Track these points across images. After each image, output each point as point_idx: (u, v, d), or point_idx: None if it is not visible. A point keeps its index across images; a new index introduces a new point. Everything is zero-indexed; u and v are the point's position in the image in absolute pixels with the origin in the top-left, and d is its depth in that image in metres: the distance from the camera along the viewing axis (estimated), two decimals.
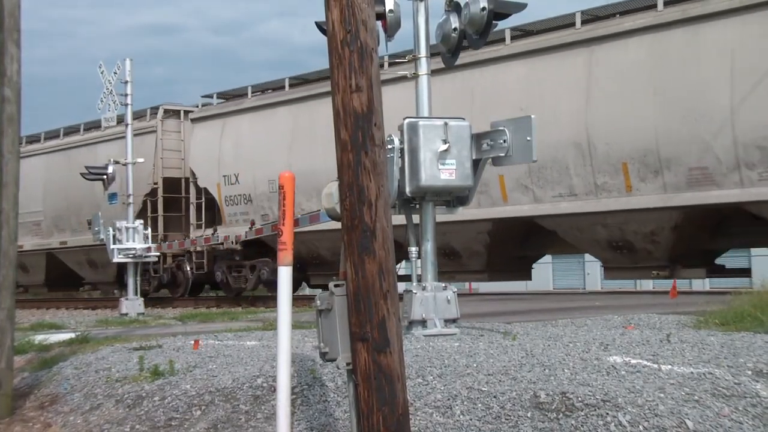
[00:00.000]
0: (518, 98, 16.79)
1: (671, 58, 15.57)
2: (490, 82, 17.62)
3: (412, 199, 8.63)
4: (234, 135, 22.91)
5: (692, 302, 10.93)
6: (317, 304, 4.67)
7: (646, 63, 15.80)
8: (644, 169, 15.69)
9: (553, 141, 16.17)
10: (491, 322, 9.77)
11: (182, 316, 16.74)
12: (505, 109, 15.22)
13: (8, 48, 7.49)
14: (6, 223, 7.41)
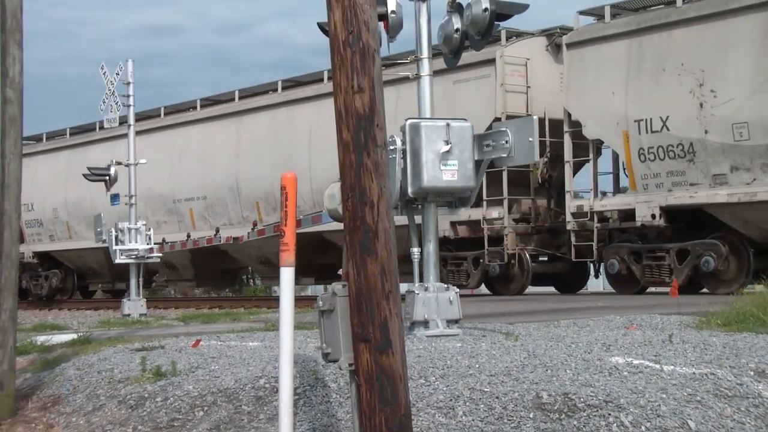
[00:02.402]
0: (199, 152, 25.11)
1: (281, 129, 23.19)
2: (185, 139, 25.85)
3: (414, 200, 8.63)
4: None
5: (694, 303, 10.93)
6: (319, 305, 4.68)
7: (267, 131, 23.49)
8: (268, 206, 23.34)
9: (218, 185, 24.51)
10: (493, 323, 9.77)
11: (184, 316, 16.76)
12: (190, 162, 25.14)
13: (10, 49, 7.49)
14: (8, 225, 7.42)
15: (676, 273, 16.34)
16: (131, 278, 18.70)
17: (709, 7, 15.98)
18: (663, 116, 16.08)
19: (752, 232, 15.82)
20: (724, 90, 15.29)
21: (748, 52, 15.25)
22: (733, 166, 15.37)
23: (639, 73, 16.68)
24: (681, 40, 16.17)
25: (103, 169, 19.49)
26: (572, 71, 17.58)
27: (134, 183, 18.78)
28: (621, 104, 16.41)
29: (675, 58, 16.02)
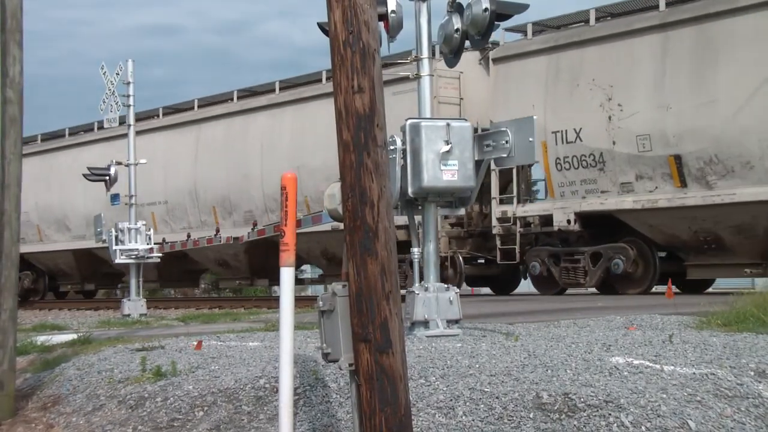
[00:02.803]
0: (162, 158, 25.39)
1: (235, 138, 24.38)
2: (150, 146, 25.25)
3: (415, 200, 8.64)
4: None
5: (694, 303, 10.93)
6: (319, 305, 4.68)
7: (224, 140, 24.70)
8: (224, 211, 24.59)
9: (178, 190, 25.62)
10: (493, 323, 9.77)
11: (184, 317, 16.76)
12: (154, 168, 24.13)
13: (10, 49, 7.49)
14: (8, 225, 7.42)
15: (590, 275, 17.59)
16: (131, 278, 18.70)
17: (616, 26, 17.27)
18: (577, 128, 17.31)
19: (657, 236, 16.92)
20: (629, 104, 16.47)
21: (650, 69, 16.46)
22: (638, 175, 16.46)
23: (556, 87, 17.82)
24: (593, 57, 17.33)
25: (103, 169, 19.49)
26: (498, 85, 18.84)
27: (134, 183, 18.79)
28: (540, 116, 16.94)
29: (587, 74, 17.18)
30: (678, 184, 16.09)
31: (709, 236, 16.32)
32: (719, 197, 15.76)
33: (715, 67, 15.74)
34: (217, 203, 24.83)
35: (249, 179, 23.76)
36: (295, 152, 22.02)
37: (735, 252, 16.23)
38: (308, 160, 21.99)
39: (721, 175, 15.67)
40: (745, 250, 16.14)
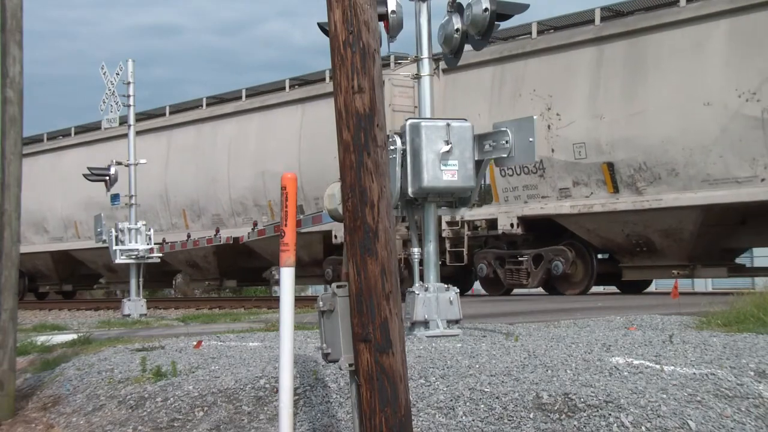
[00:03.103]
0: None
1: (204, 144, 25.31)
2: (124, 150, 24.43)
3: (415, 200, 8.63)
4: None
5: (694, 303, 10.93)
6: (319, 305, 4.67)
7: (193, 145, 25.59)
8: (193, 214, 25.68)
9: (150, 193, 25.02)
10: (493, 323, 9.77)
11: (185, 317, 16.77)
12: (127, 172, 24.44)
13: (10, 49, 7.49)
14: (8, 224, 7.42)
15: (532, 276, 18.54)
16: (131, 278, 18.71)
17: (556, 40, 18.22)
18: None
19: (593, 239, 17.92)
20: (566, 114, 17.37)
21: (586, 80, 17.38)
22: (575, 181, 17.38)
23: (501, 96, 18.66)
24: (534, 68, 18.22)
25: (103, 169, 19.51)
26: (447, 94, 19.60)
27: (134, 183, 18.80)
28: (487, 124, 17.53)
29: (529, 84, 18.13)
30: (611, 190, 16.98)
31: (641, 239, 17.24)
32: (648, 202, 16.67)
33: (645, 79, 16.52)
34: (187, 207, 25.73)
35: (217, 184, 24.70)
36: (259, 158, 22.83)
37: (665, 254, 17.09)
38: (271, 166, 22.66)
39: (649, 182, 16.54)
40: (673, 252, 16.98)
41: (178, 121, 26.84)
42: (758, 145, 15.30)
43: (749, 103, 15.09)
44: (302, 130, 22.38)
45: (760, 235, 17.07)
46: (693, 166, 16.00)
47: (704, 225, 16.51)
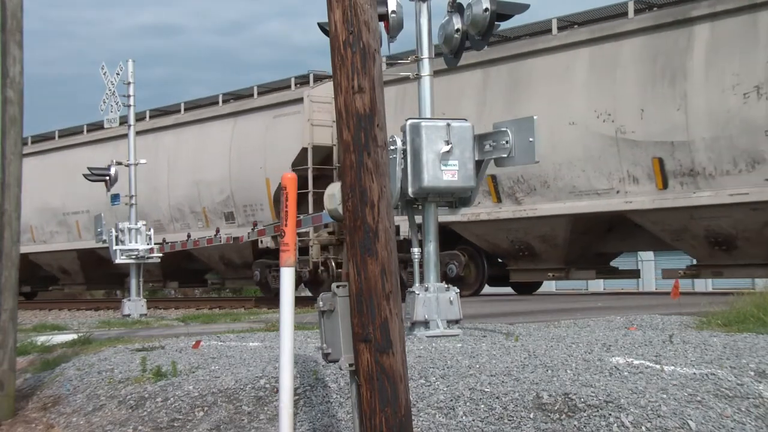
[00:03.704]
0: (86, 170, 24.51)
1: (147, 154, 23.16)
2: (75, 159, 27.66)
3: (415, 200, 8.63)
4: None
5: (694, 303, 10.93)
6: (319, 305, 4.67)
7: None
8: None
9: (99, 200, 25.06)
10: (494, 323, 9.77)
11: (185, 317, 16.76)
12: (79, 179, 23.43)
13: (10, 49, 7.49)
14: (8, 225, 7.42)
15: None
16: (131, 278, 18.71)
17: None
18: None
19: (483, 244, 19.64)
20: None
21: (473, 100, 19.06)
22: None
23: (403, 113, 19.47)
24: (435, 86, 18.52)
25: (103, 169, 19.51)
26: None
27: (134, 183, 18.81)
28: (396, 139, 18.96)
29: None
30: (495, 200, 18.83)
31: (523, 245, 19.06)
32: (525, 211, 18.46)
33: (520, 100, 18.11)
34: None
35: (158, 191, 25.90)
36: (195, 168, 24.16)
37: (543, 258, 18.89)
38: (206, 175, 24.29)
39: (526, 193, 18.40)
40: (551, 256, 18.78)
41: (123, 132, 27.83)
42: (614, 161, 16.99)
43: (605, 123, 16.92)
44: (232, 142, 23.95)
45: (624, 241, 18.86)
46: (561, 179, 17.79)
47: (574, 232, 18.25)
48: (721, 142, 15.67)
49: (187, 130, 25.77)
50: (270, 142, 22.72)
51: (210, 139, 24.41)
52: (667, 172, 16.46)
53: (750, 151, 15.29)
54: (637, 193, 16.88)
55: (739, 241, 16.23)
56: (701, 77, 15.94)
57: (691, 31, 16.12)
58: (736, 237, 16.19)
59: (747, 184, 15.39)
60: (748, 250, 16.19)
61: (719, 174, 15.81)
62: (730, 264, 16.73)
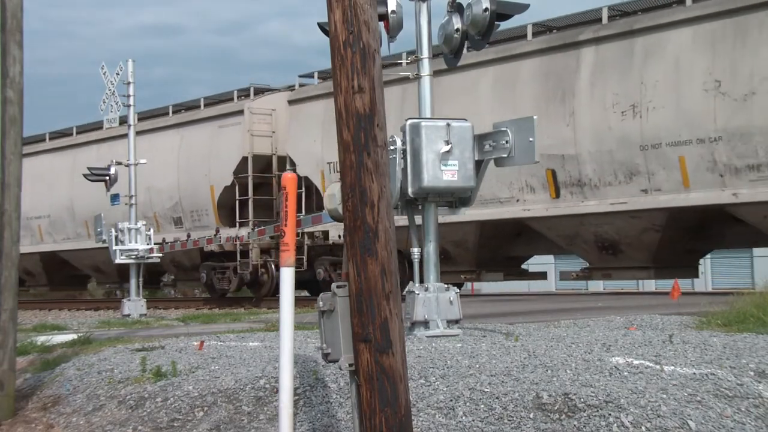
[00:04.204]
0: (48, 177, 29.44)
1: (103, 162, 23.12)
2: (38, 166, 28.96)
3: (415, 200, 8.63)
4: None
5: (694, 303, 10.93)
6: (319, 305, 4.67)
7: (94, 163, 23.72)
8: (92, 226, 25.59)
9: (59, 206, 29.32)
10: (493, 323, 9.77)
11: (185, 317, 16.76)
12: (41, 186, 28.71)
13: (10, 49, 7.49)
14: (8, 225, 7.42)
15: None
16: (131, 278, 18.71)
17: None
18: None
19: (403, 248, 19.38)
20: None
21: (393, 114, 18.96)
22: None
23: (331, 126, 20.29)
24: None
25: (103, 169, 19.52)
26: (292, 122, 22.94)
27: (134, 183, 18.83)
28: (319, 150, 21.76)
29: None
30: None
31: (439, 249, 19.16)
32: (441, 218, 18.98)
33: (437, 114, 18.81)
34: (89, 218, 27.20)
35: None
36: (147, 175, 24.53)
37: (457, 261, 20.13)
38: (157, 183, 25.26)
39: None
40: (464, 259, 20.02)
41: (83, 140, 29.41)
42: (514, 172, 17.93)
43: None
44: (180, 151, 25.38)
45: (529, 245, 20.18)
46: None
47: (483, 237, 19.49)
48: (603, 155, 17.15)
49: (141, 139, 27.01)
50: (214, 151, 24.28)
51: (161, 148, 25.58)
52: (559, 182, 17.97)
53: (627, 164, 16.71)
54: (534, 201, 18.36)
55: (623, 246, 17.55)
56: (587, 96, 17.37)
57: (579, 54, 17.56)
58: (619, 242, 17.55)
59: (625, 194, 16.85)
60: (632, 254, 17.56)
61: (603, 185, 17.32)
62: (617, 267, 18.12)
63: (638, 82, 16.53)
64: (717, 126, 15.50)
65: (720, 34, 15.76)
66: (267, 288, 23.74)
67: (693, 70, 15.86)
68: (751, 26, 15.31)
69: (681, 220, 16.72)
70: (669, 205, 16.35)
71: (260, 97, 24.19)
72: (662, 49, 16.35)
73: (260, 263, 23.34)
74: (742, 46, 15.29)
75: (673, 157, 16.04)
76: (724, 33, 15.64)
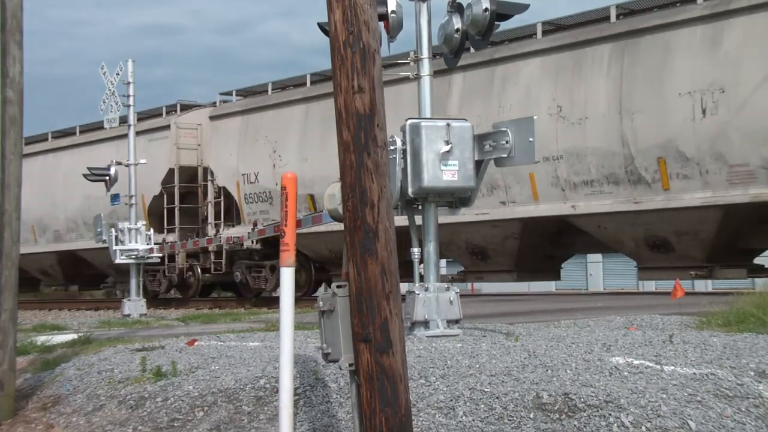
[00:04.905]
0: None
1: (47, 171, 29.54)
2: None
3: (415, 200, 8.63)
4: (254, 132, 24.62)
5: (694, 303, 10.93)
6: (320, 305, 4.67)
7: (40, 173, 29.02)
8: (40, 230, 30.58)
9: None
10: (494, 323, 9.77)
11: (185, 317, 16.76)
12: None
13: (10, 49, 7.49)
14: (8, 225, 7.42)
15: (269, 282, 23.19)
16: (131, 278, 18.71)
17: (282, 97, 23.31)
18: (256, 172, 23.10)
19: (309, 252, 22.76)
20: (285, 155, 22.32)
21: (297, 130, 22.28)
22: None
23: (245, 141, 23.57)
24: (267, 119, 23.19)
25: (103, 169, 19.53)
26: (213, 136, 24.74)
27: (134, 183, 18.84)
28: (234, 163, 23.67)
29: (263, 132, 23.06)
30: None
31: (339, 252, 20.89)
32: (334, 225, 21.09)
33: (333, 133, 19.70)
34: (35, 223, 30.00)
35: (56, 206, 29.54)
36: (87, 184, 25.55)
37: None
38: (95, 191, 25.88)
39: None
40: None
41: (28, 151, 30.22)
42: None
43: None
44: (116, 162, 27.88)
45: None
46: None
47: None
48: None
49: (82, 150, 28.91)
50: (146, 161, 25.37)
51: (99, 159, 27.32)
52: None
53: (488, 180, 17.78)
54: None
55: (490, 252, 19.11)
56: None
57: (450, 79, 18.90)
58: (486, 248, 19.09)
59: (488, 206, 18.30)
60: (498, 259, 19.10)
61: None
62: (487, 270, 19.56)
63: (498, 106, 18.09)
64: (558, 146, 17.23)
65: (562, 65, 17.46)
66: (193, 290, 25.44)
67: (540, 96, 17.58)
68: (585, 59, 17.15)
69: (535, 228, 18.37)
70: (523, 216, 18.06)
71: (187, 113, 26.04)
72: (517, 76, 18.07)
73: (186, 267, 25.04)
74: (579, 75, 17.12)
75: (525, 173, 17.66)
76: (565, 64, 17.43)
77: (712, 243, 15.96)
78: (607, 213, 16.74)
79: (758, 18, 14.90)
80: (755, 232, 16.24)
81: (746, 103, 14.82)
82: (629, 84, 16.34)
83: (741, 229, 16.10)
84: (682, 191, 15.68)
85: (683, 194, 15.67)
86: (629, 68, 16.41)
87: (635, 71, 16.28)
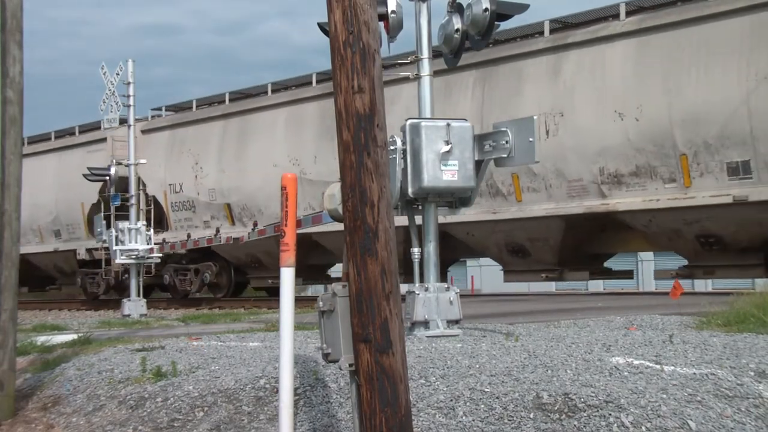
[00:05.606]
0: None
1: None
2: None
3: (415, 200, 8.63)
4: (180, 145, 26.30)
5: (694, 303, 10.93)
6: (319, 305, 4.67)
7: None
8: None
9: None
10: (493, 323, 9.77)
11: (185, 317, 16.76)
12: None
13: (10, 49, 7.49)
14: (8, 225, 7.42)
15: (194, 283, 25.19)
16: (131, 278, 18.71)
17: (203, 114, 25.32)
18: (180, 183, 24.95)
19: (231, 258, 24.88)
20: (206, 167, 24.30)
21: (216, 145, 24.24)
22: (212, 216, 24.32)
23: (172, 153, 25.38)
24: (191, 134, 25.08)
25: (104, 169, 19.55)
26: (146, 149, 25.63)
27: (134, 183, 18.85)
28: (163, 173, 25.39)
29: (188, 145, 24.95)
30: (230, 223, 23.85)
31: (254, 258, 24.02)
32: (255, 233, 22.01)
33: (247, 146, 23.32)
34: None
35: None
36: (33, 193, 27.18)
37: (268, 268, 23.56)
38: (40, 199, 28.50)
39: (249, 218, 23.23)
40: (274, 266, 22.32)
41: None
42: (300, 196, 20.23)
43: (295, 166, 21.42)
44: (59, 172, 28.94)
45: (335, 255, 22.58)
46: (269, 208, 22.55)
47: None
48: None
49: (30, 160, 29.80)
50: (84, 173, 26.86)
51: (44, 168, 29.49)
52: None
53: None
54: None
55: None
56: None
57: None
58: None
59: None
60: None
61: None
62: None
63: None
64: None
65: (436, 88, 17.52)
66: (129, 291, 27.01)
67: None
68: (454, 84, 18.54)
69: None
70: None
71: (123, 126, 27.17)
72: (399, 97, 18.65)
73: (122, 269, 25.59)
74: (448, 99, 18.45)
75: None
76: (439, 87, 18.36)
77: (560, 248, 17.86)
78: (474, 222, 18.39)
79: (588, 51, 16.99)
80: (595, 239, 18.18)
81: (579, 125, 16.83)
82: (488, 107, 18.09)
83: (584, 237, 17.98)
84: (531, 203, 17.70)
85: (533, 205, 17.69)
86: (489, 92, 18.26)
87: (493, 95, 18.16)
